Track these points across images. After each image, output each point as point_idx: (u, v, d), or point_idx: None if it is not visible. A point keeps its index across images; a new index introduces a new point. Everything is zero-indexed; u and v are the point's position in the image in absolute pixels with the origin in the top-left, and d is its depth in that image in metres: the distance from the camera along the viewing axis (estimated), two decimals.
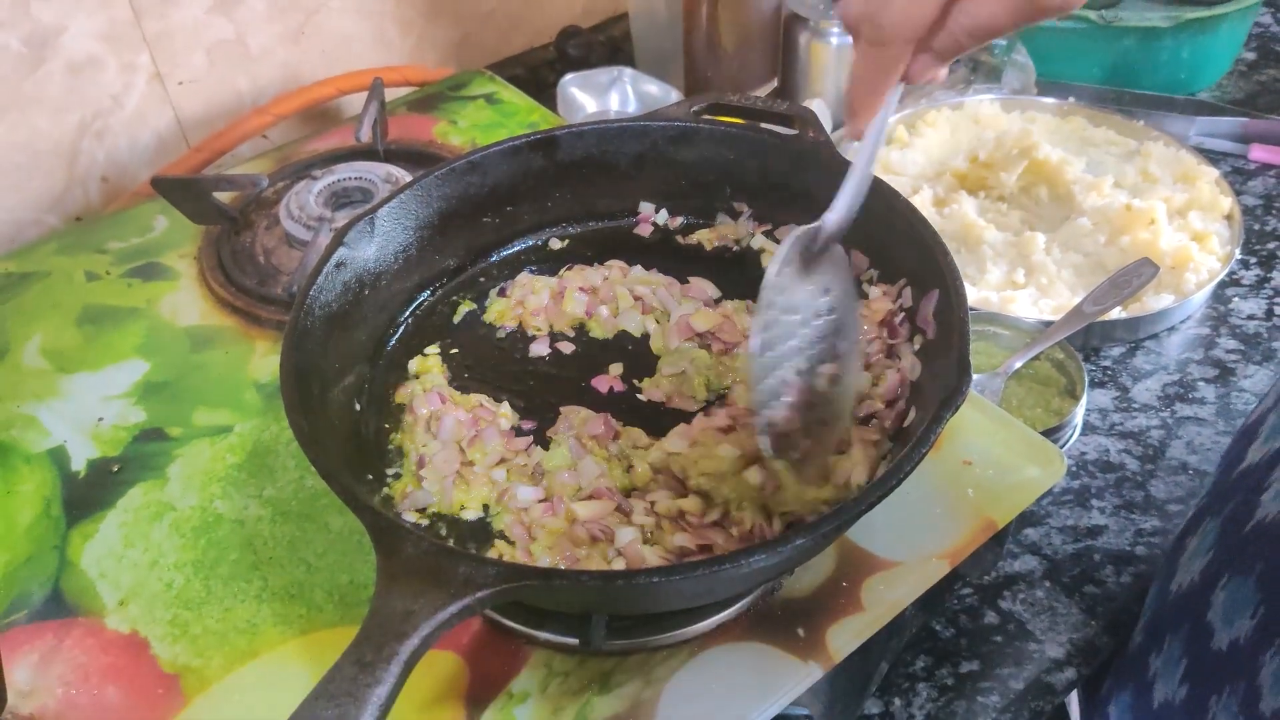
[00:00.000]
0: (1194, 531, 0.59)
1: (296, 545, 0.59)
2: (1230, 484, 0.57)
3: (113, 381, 0.70)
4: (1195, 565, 0.56)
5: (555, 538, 0.52)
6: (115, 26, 0.89)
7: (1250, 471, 0.55)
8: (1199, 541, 0.57)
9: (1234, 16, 1.03)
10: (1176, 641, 0.56)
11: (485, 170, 0.66)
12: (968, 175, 0.94)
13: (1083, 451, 0.74)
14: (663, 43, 1.06)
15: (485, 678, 0.52)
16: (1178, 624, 0.56)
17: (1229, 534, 0.55)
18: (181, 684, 0.52)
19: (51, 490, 0.63)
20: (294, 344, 0.54)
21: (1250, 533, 0.52)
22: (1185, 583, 0.57)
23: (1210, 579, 0.54)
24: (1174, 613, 0.57)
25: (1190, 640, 0.55)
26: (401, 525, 0.44)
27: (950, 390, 0.46)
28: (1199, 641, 0.53)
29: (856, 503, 0.44)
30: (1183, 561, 0.58)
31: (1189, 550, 0.58)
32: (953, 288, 0.52)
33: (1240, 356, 0.81)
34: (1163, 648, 0.57)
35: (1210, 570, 0.54)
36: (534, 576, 0.41)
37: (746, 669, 0.51)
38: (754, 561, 0.41)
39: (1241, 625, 0.50)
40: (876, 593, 0.54)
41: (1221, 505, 0.57)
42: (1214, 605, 0.53)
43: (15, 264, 0.81)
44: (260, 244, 0.81)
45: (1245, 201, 0.94)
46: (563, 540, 0.52)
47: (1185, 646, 0.55)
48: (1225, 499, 0.57)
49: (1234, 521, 0.54)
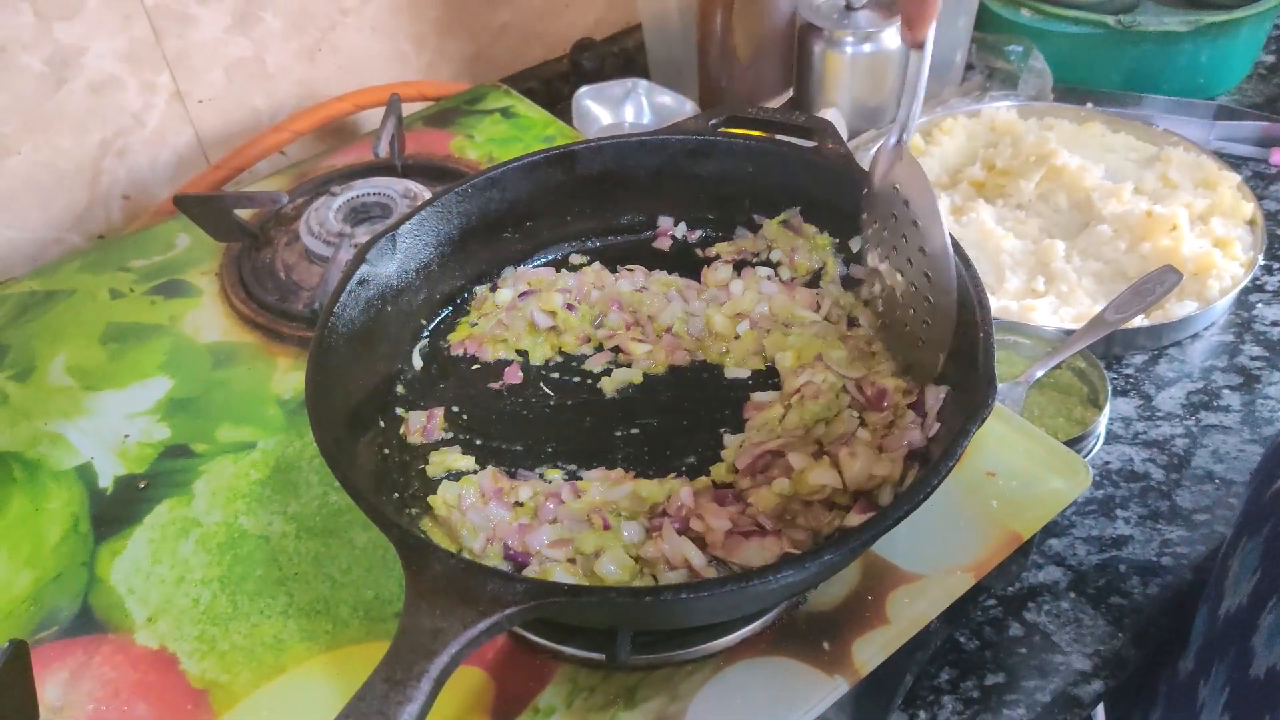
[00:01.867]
0: (1234, 553, 0.58)
1: (321, 561, 0.59)
2: (1266, 503, 0.56)
3: (137, 398, 0.70)
4: (1243, 588, 0.55)
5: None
6: (136, 46, 0.90)
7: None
8: (1240, 563, 0.56)
9: (1253, 20, 1.03)
10: (1222, 669, 0.55)
11: (505, 186, 0.66)
12: (985, 183, 0.94)
13: (1106, 461, 0.74)
14: (676, 54, 1.06)
15: (511, 693, 0.52)
16: (1225, 649, 0.55)
17: (1273, 554, 0.53)
18: (210, 699, 0.53)
19: (79, 507, 0.63)
20: (318, 361, 0.54)
21: None
22: (1234, 606, 0.55)
23: (1259, 602, 0.53)
24: (1222, 637, 0.56)
25: (1234, 667, 0.53)
26: (429, 543, 0.44)
27: (976, 405, 0.46)
28: (1240, 668, 0.52)
29: (883, 517, 0.44)
30: (1229, 585, 0.57)
31: (1232, 573, 0.57)
32: (976, 299, 0.52)
33: (1265, 363, 0.80)
34: (1210, 675, 0.56)
35: (1259, 593, 0.53)
36: (562, 594, 0.42)
37: (772, 683, 0.51)
38: (782, 577, 0.41)
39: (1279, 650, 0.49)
40: (901, 606, 0.54)
41: (1259, 525, 0.55)
42: (1260, 628, 0.51)
43: (40, 282, 0.82)
44: (281, 260, 0.82)
45: (1267, 206, 0.94)
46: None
47: (1229, 674, 0.54)
48: (1262, 518, 0.56)
49: (1276, 540, 0.53)
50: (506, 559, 0.52)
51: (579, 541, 0.52)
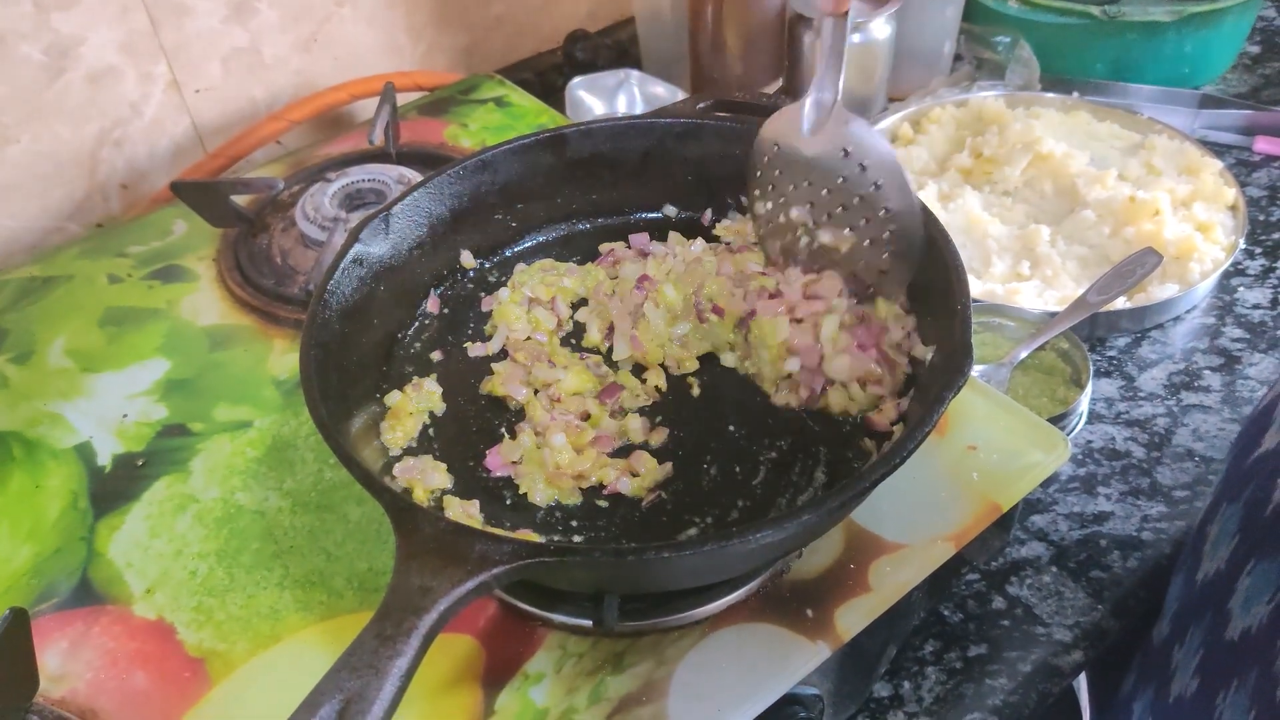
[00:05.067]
0: (1213, 519, 0.58)
1: (316, 535, 0.60)
2: (1246, 470, 0.57)
3: (136, 380, 0.72)
4: (1221, 551, 0.56)
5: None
6: (133, 37, 0.91)
7: (1266, 457, 0.55)
8: (1220, 528, 0.57)
9: (1237, 10, 1.04)
10: (1198, 632, 0.55)
11: (496, 168, 0.68)
12: (972, 170, 0.95)
13: (1089, 440, 0.75)
14: (669, 45, 1.08)
15: (501, 660, 0.53)
16: (1201, 613, 0.56)
17: (1252, 518, 0.54)
18: (207, 667, 0.54)
19: (79, 484, 0.64)
20: (313, 337, 0.55)
21: (1271, 516, 0.52)
22: (1212, 571, 0.56)
23: (1236, 565, 0.53)
24: (1199, 601, 0.57)
25: (1210, 630, 0.54)
26: (419, 506, 0.45)
27: (953, 371, 0.47)
28: (1216, 631, 0.53)
29: (861, 479, 0.45)
30: (1206, 550, 0.58)
31: (1211, 538, 0.58)
32: (954, 270, 0.54)
33: (1246, 345, 0.81)
34: (1185, 639, 0.57)
35: (1237, 556, 0.54)
36: (548, 553, 0.43)
37: (756, 648, 0.52)
38: (761, 537, 0.42)
39: (1258, 611, 0.49)
40: (884, 574, 0.55)
41: (1238, 492, 0.56)
42: (1238, 591, 0.52)
43: (39, 269, 0.83)
44: (277, 245, 0.83)
45: (1250, 193, 0.95)
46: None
47: (1204, 637, 0.55)
48: (1241, 485, 0.56)
49: (1255, 505, 0.54)
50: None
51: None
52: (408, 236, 0.65)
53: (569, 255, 0.72)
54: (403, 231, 0.65)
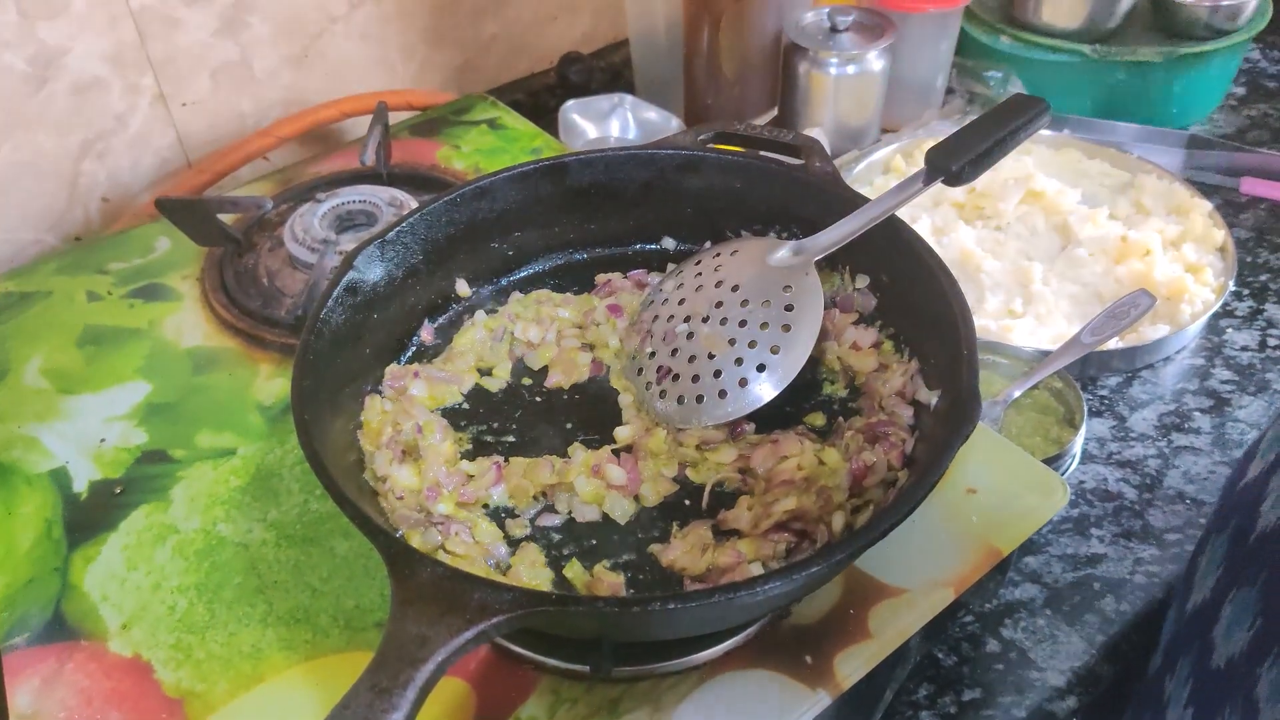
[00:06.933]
0: (1204, 550, 0.59)
1: (301, 569, 0.58)
2: (1233, 501, 0.58)
3: (115, 402, 0.69)
4: (1208, 582, 0.56)
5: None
6: (120, 48, 0.89)
7: (1250, 486, 0.55)
8: (1208, 558, 0.57)
9: (1224, 52, 1.06)
10: (1187, 662, 0.55)
11: (494, 196, 0.67)
12: (965, 204, 0.95)
13: (1081, 480, 0.75)
14: (663, 70, 1.07)
15: (493, 704, 0.51)
16: (1190, 643, 0.56)
17: (1235, 547, 0.54)
18: (185, 709, 0.52)
19: (53, 512, 0.62)
20: (304, 367, 0.54)
21: (1254, 544, 0.52)
22: (1199, 601, 0.56)
23: (1220, 594, 0.54)
24: (1187, 632, 0.57)
25: (1197, 660, 0.54)
26: (416, 551, 0.44)
27: (961, 419, 0.47)
28: (1203, 660, 0.53)
29: (868, 530, 0.44)
30: (1196, 580, 0.58)
31: (1200, 568, 0.58)
32: (960, 316, 0.53)
33: (1235, 387, 0.82)
34: (1175, 670, 0.57)
35: (1221, 585, 0.54)
36: (550, 603, 0.42)
37: (754, 696, 0.51)
38: (769, 589, 0.42)
39: (1239, 638, 0.50)
40: (884, 620, 0.54)
41: (1226, 520, 0.57)
42: (1221, 619, 0.52)
43: (15, 283, 0.80)
44: (264, 266, 0.81)
45: (1237, 234, 0.96)
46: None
47: (1192, 667, 0.55)
48: (1229, 516, 0.57)
49: (1240, 534, 0.54)
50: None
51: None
52: (403, 263, 0.64)
53: (566, 285, 0.71)
54: (398, 258, 0.63)
